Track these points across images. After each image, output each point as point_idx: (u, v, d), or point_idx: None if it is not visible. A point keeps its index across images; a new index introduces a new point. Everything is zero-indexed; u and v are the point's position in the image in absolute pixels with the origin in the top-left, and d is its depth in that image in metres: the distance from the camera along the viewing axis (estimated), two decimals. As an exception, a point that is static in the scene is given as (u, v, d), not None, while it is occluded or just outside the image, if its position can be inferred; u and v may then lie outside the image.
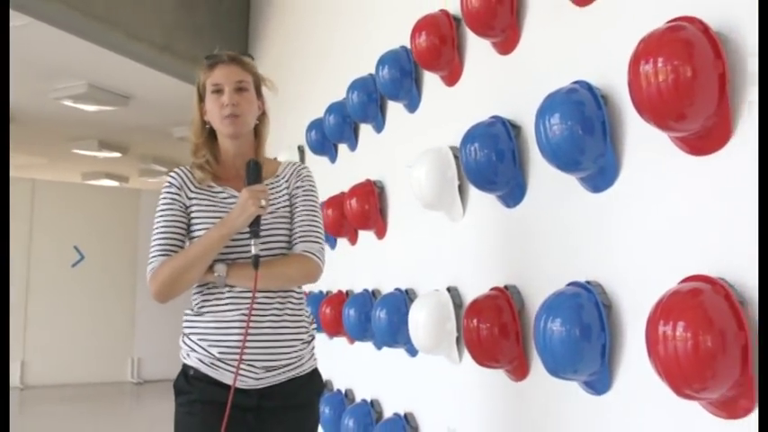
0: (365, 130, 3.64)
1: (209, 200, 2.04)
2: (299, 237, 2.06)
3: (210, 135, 2.10)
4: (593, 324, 1.85)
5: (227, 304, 1.98)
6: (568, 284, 1.96)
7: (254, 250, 1.93)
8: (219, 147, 2.11)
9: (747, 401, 1.47)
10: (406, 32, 2.92)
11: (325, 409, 3.56)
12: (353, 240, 3.69)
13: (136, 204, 9.55)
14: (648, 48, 1.56)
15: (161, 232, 2.01)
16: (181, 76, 6.51)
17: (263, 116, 2.16)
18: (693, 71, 1.50)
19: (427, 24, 2.74)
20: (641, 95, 1.57)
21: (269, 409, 1.97)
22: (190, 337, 2.02)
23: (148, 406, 8.05)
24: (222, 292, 1.99)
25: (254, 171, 1.99)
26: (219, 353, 1.95)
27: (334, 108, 3.83)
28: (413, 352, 2.92)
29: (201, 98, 2.10)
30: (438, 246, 2.88)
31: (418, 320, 2.59)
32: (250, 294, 1.94)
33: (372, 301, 3.19)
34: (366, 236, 3.52)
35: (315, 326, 2.16)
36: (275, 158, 2.32)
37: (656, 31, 1.59)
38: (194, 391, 1.98)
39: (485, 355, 2.25)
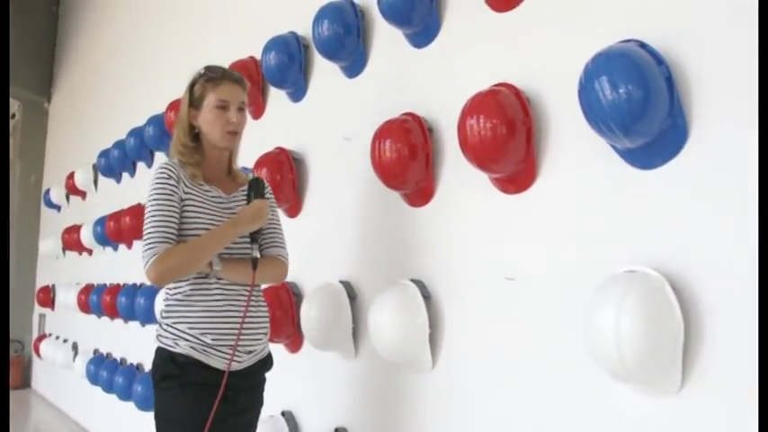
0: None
1: (201, 197, 2.04)
2: (272, 243, 2.16)
3: (195, 139, 2.11)
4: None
5: (216, 295, 2.01)
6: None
7: (255, 253, 2.04)
8: (204, 151, 2.12)
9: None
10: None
11: (118, 379, 4.37)
12: (129, 246, 4.59)
13: None
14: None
15: (161, 219, 1.97)
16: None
17: None
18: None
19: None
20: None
21: (242, 388, 2.03)
22: (176, 326, 2.01)
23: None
24: (210, 284, 2.01)
25: (262, 188, 2.09)
26: (213, 339, 1.98)
27: (134, 132, 4.43)
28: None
29: (193, 104, 2.09)
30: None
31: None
32: (234, 287, 2.03)
33: (137, 290, 4.23)
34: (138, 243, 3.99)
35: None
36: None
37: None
38: (188, 374, 1.97)
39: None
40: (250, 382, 2.07)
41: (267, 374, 2.17)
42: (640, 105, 1.47)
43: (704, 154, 1.48)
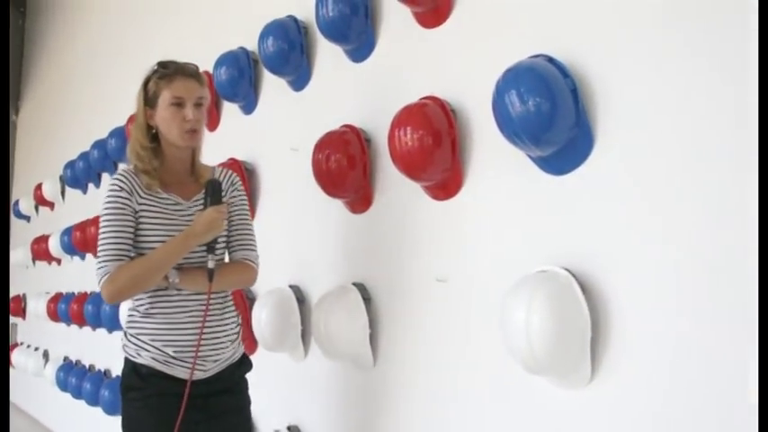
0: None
1: (157, 206, 1.96)
2: (240, 245, 2.06)
3: (153, 140, 2.00)
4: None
5: (176, 306, 1.95)
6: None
7: (210, 265, 1.93)
8: (163, 152, 2.01)
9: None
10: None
11: (86, 385, 4.43)
12: (96, 255, 4.64)
13: None
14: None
15: (114, 235, 1.90)
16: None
17: None
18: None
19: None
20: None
21: (211, 392, 1.97)
22: (138, 337, 1.96)
23: None
24: (171, 295, 1.95)
25: (219, 191, 1.97)
26: (174, 351, 1.92)
27: (98, 144, 4.51)
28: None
29: (148, 103, 1.98)
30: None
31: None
32: (197, 297, 1.96)
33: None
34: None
35: (239, 317, 2.15)
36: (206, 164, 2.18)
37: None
38: (149, 386, 1.93)
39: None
40: (220, 385, 2.00)
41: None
42: (547, 116, 1.56)
43: (610, 160, 1.56)
